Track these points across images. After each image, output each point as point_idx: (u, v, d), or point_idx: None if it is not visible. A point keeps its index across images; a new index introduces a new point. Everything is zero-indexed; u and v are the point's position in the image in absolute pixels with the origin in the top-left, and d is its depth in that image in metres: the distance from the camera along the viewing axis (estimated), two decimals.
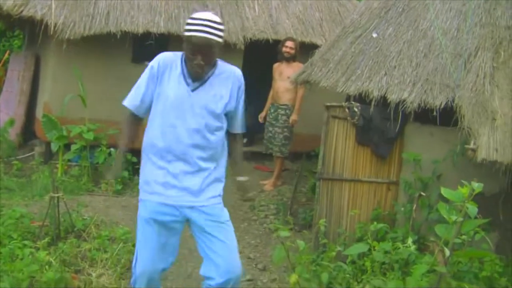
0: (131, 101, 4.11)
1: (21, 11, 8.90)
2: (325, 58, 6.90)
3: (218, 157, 4.09)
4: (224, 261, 3.95)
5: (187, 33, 3.83)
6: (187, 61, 3.93)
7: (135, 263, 4.09)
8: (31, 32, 10.55)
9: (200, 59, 3.83)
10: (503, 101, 5.86)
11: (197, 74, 3.93)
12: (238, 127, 4.24)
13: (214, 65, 4.00)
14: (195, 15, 3.88)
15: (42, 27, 8.95)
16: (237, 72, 4.12)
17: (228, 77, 4.06)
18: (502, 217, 5.93)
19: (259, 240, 7.05)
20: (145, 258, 4.02)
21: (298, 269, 3.92)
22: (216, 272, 3.96)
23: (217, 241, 3.98)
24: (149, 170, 4.06)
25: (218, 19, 3.85)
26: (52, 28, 8.79)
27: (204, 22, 3.79)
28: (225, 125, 4.10)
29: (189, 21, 3.84)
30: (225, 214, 4.10)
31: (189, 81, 3.97)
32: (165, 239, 4.04)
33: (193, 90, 3.96)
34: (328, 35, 10.22)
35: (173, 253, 4.14)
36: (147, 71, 4.04)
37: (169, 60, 4.02)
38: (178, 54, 4.05)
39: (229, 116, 4.11)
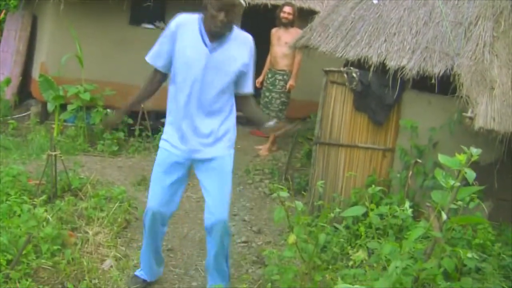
0: (152, 57, 4.37)
1: None
2: (324, 23, 6.87)
3: (227, 111, 4.37)
4: (213, 204, 4.36)
5: None
6: (209, 19, 4.07)
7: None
8: None
9: (223, 16, 4.00)
10: (502, 71, 5.87)
11: (218, 32, 4.10)
12: (247, 87, 4.43)
13: (231, 28, 4.17)
14: None
15: None
16: (250, 38, 4.32)
17: (244, 43, 4.28)
18: (497, 186, 5.97)
19: (254, 203, 7.09)
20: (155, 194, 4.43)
21: (296, 229, 3.95)
22: (206, 216, 4.39)
23: (213, 186, 4.36)
24: (169, 125, 4.44)
25: None
26: None
27: None
28: (232, 86, 4.33)
29: None
30: (229, 164, 4.42)
31: (208, 42, 4.15)
32: (172, 180, 4.41)
33: (211, 51, 4.15)
34: (327, 1, 10.17)
35: (176, 201, 4.51)
36: (165, 32, 4.27)
37: (186, 21, 4.22)
38: (196, 16, 4.22)
39: (238, 76, 4.30)
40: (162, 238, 4.81)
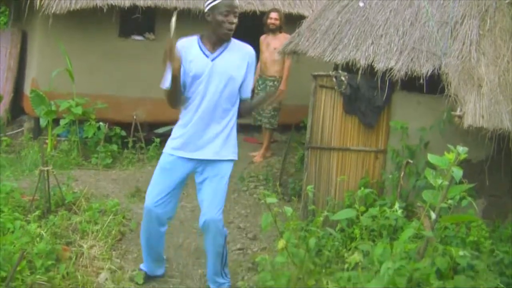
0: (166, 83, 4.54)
1: None
2: (312, 28, 6.89)
3: (232, 119, 4.70)
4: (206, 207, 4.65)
5: (215, 2, 4.43)
6: (218, 28, 4.47)
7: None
8: (17, 8, 10.48)
9: (232, 18, 4.44)
10: (489, 68, 5.89)
11: (228, 35, 4.51)
12: (247, 93, 4.75)
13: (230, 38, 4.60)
14: None
15: (28, 2, 8.90)
16: (250, 48, 4.72)
17: (245, 52, 4.66)
18: (488, 183, 5.99)
19: (249, 210, 7.09)
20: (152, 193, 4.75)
21: (286, 234, 3.96)
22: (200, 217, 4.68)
23: (207, 191, 4.66)
24: (178, 130, 4.70)
25: None
26: (38, 3, 8.73)
27: None
28: (237, 95, 4.70)
29: None
30: (228, 169, 4.73)
31: (208, 53, 4.56)
32: (171, 183, 4.71)
33: (212, 60, 4.53)
34: (315, 6, 10.19)
35: (172, 206, 4.79)
36: None
37: (186, 44, 4.56)
38: (193, 37, 4.63)
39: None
40: (162, 239, 4.98)
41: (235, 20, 4.48)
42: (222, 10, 4.41)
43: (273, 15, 8.86)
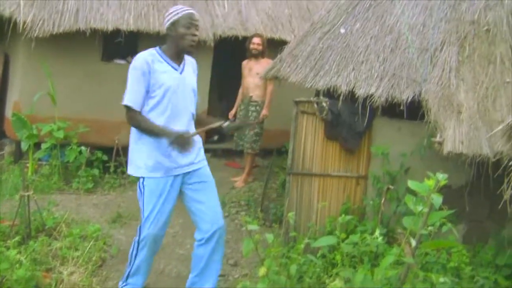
0: (135, 102, 4.58)
1: None
2: (293, 54, 6.94)
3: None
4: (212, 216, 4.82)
5: (177, 16, 4.60)
6: (180, 41, 4.62)
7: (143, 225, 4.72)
8: None
9: (194, 30, 4.61)
10: (468, 95, 5.96)
11: (192, 47, 4.68)
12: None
13: None
14: (173, 7, 4.71)
15: (11, 25, 8.89)
16: (193, 59, 5.00)
17: (193, 64, 4.96)
18: (468, 209, 6.03)
19: (230, 236, 7.06)
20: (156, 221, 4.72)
21: (267, 261, 3.95)
22: (204, 227, 4.81)
23: (208, 196, 4.86)
24: (156, 152, 4.63)
25: None
26: (21, 26, 8.72)
27: (185, 7, 4.69)
28: None
29: (173, 11, 4.65)
30: (209, 172, 4.95)
31: (175, 66, 4.69)
32: (170, 205, 4.76)
33: (180, 73, 4.71)
34: (297, 31, 10.27)
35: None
36: (136, 72, 4.56)
37: (149, 56, 4.61)
38: (152, 51, 4.68)
39: None
40: None
41: (197, 33, 4.66)
42: (185, 23, 4.59)
43: (256, 40, 8.91)
